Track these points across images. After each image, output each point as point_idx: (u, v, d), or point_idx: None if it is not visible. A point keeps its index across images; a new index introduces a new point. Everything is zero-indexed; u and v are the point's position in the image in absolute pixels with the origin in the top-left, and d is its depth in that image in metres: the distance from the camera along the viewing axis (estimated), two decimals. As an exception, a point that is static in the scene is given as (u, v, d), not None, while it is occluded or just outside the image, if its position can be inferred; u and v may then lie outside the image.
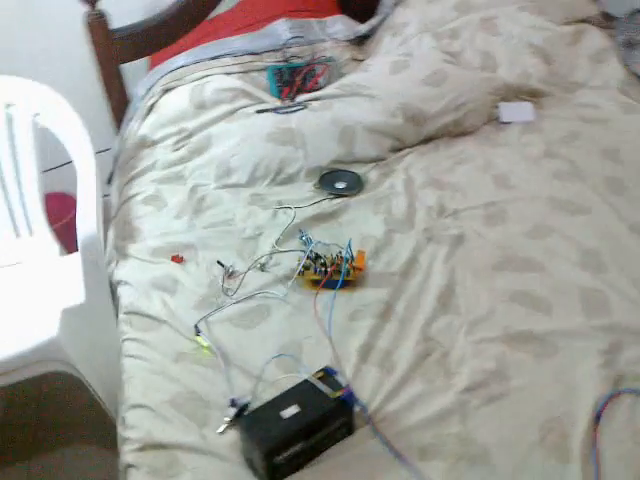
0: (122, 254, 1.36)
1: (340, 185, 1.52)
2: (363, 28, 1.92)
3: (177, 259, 1.31)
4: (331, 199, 1.48)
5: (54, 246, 1.57)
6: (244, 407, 0.97)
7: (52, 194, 1.96)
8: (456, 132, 1.68)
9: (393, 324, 1.13)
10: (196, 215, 1.45)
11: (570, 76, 1.88)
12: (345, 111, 1.60)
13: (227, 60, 1.72)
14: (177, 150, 1.64)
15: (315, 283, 1.21)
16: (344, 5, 2.00)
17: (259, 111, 1.62)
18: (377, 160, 1.60)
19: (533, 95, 1.80)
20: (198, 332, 1.11)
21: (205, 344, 1.09)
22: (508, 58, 1.83)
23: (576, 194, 1.42)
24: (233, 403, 0.98)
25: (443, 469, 0.89)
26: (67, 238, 1.58)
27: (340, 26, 1.87)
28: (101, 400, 1.39)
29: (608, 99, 1.80)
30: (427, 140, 1.67)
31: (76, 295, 1.36)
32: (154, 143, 1.68)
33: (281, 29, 1.78)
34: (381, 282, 1.21)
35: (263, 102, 1.68)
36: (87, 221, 1.33)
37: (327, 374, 0.94)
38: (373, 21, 1.95)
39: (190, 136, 1.65)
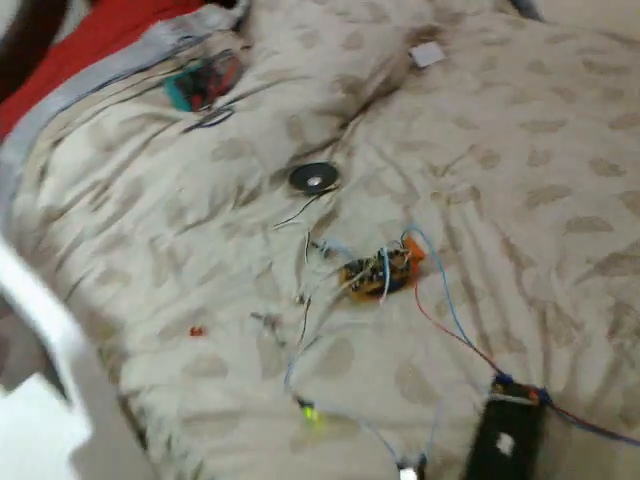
0: (118, 355, 1.04)
1: (315, 181, 1.33)
2: (237, 12, 1.71)
3: (197, 332, 1.04)
4: (317, 199, 1.29)
5: None
6: (423, 463, 0.78)
7: None
8: (386, 90, 1.58)
9: (485, 302, 1.00)
10: (178, 274, 1.16)
11: (451, 9, 1.87)
12: (282, 101, 1.40)
13: (116, 86, 1.40)
14: (99, 209, 1.31)
15: (373, 294, 1.04)
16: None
17: (186, 130, 1.35)
18: (332, 142, 1.43)
19: (432, 34, 1.76)
20: (303, 405, 0.88)
21: (316, 414, 0.87)
22: (394, 4, 1.76)
23: (542, 112, 1.40)
24: (402, 465, 0.79)
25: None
26: None
27: (217, 16, 1.63)
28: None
29: (493, 20, 1.83)
30: (364, 107, 1.54)
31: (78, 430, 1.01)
32: (64, 211, 1.32)
33: (162, 33, 1.49)
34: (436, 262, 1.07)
35: (178, 120, 1.41)
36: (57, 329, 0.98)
37: (503, 382, 0.80)
38: (243, 2, 1.74)
39: (108, 187, 1.33)
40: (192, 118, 1.40)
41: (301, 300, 1.06)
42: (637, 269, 0.99)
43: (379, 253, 1.07)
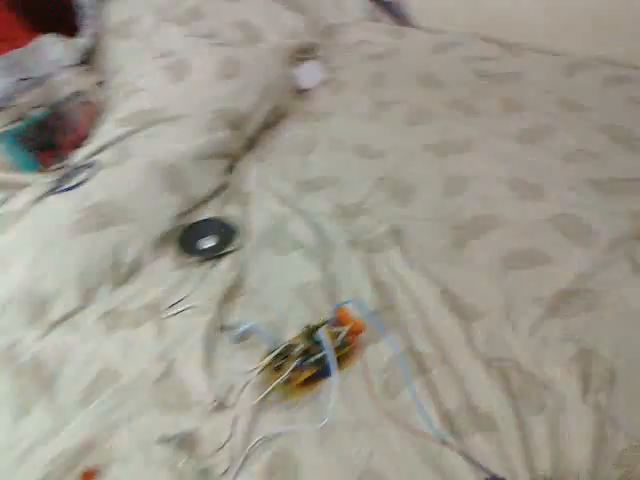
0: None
1: (209, 242, 1.11)
2: (84, 41, 1.43)
3: (89, 476, 0.79)
4: (214, 266, 1.07)
5: None
6: None
7: None
8: (272, 121, 1.39)
9: (439, 371, 0.85)
10: (50, 394, 0.89)
11: (323, 20, 1.74)
12: (155, 149, 1.16)
13: None
14: None
15: (307, 382, 0.85)
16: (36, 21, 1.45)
17: (38, 199, 1.07)
18: (221, 191, 1.23)
19: (311, 51, 1.61)
20: None
21: None
22: (264, 21, 1.58)
23: (444, 131, 1.30)
24: None
25: None
26: None
27: (58, 48, 1.35)
28: None
29: (371, 31, 1.73)
30: (251, 143, 1.34)
31: None
32: None
33: (-12, 77, 1.19)
34: (379, 329, 0.91)
35: (25, 186, 1.12)
36: None
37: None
38: (90, 29, 1.46)
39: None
40: (43, 181, 1.13)
41: (219, 406, 0.85)
42: (589, 305, 0.89)
43: (308, 328, 0.89)
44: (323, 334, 0.85)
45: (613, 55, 1.46)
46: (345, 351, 0.87)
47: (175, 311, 0.98)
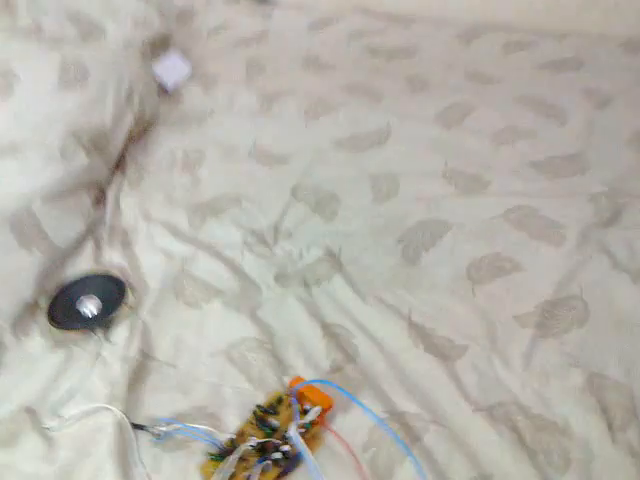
0: None
1: (91, 307, 0.83)
2: None
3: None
4: (105, 337, 0.80)
5: None
6: None
7: None
8: (140, 132, 1.12)
9: (434, 435, 0.67)
10: None
11: (175, 6, 1.48)
12: (-10, 194, 0.85)
13: None
14: None
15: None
16: None
17: None
18: (91, 233, 0.94)
19: (166, 42, 1.34)
20: None
21: None
22: (104, 10, 1.28)
23: (354, 122, 1.12)
24: None
25: None
26: None
27: None
28: None
29: (230, 14, 1.53)
30: (118, 164, 1.06)
31: None
32: None
33: None
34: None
35: None
36: None
37: None
38: None
39: None
40: None
41: None
42: (580, 316, 0.76)
43: (258, 411, 0.67)
44: (293, 432, 0.63)
45: (504, 20, 1.37)
46: (311, 432, 0.66)
47: (65, 416, 0.70)
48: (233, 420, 0.68)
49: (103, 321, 0.81)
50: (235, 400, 0.71)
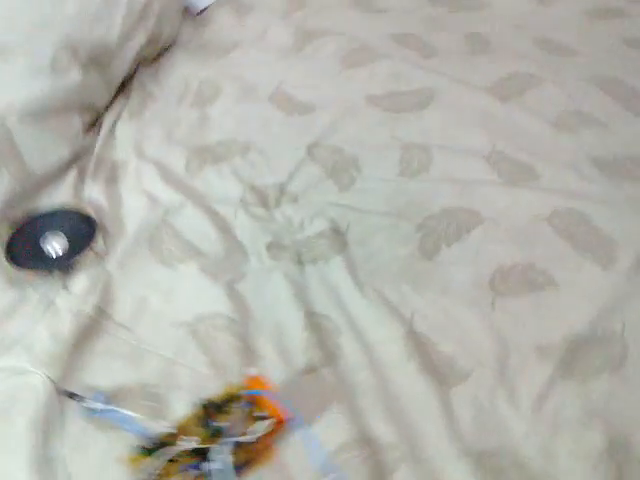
0: None
1: (56, 246, 0.73)
2: None
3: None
4: (64, 285, 0.70)
5: None
6: None
7: None
8: (153, 55, 0.99)
9: (415, 470, 0.56)
10: None
11: None
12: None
13: None
14: None
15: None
16: None
17: None
18: (75, 162, 0.83)
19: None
20: None
21: None
22: None
23: (394, 77, 0.96)
24: None
25: None
26: None
27: None
28: None
29: None
30: (122, 87, 0.94)
31: None
32: None
33: None
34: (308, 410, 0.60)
35: None
36: None
37: None
38: None
39: None
40: None
41: None
42: (615, 360, 0.62)
43: (205, 407, 0.57)
44: (231, 440, 0.52)
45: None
46: (262, 443, 0.55)
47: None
48: (180, 408, 0.59)
49: (65, 264, 0.71)
50: (188, 384, 0.61)
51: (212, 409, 0.56)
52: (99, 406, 0.58)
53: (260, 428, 0.53)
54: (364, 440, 0.57)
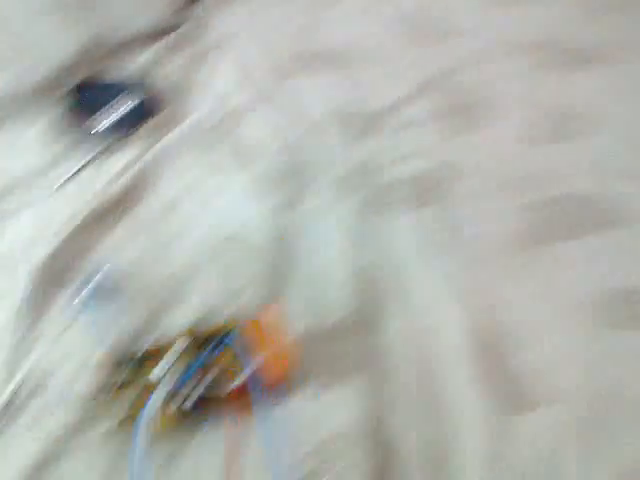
0: None
1: (110, 116, 0.65)
2: None
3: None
4: (106, 156, 0.62)
5: None
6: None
7: None
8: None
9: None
10: None
11: None
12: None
13: None
14: None
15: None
16: None
17: None
18: (161, 33, 0.74)
19: None
20: None
21: None
22: None
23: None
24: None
25: None
26: None
27: None
28: None
29: None
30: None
31: None
32: None
33: None
34: (326, 363, 0.46)
35: None
36: None
37: None
38: None
39: None
40: None
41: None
42: None
43: (192, 335, 0.45)
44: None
45: None
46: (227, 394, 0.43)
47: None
48: (186, 310, 0.48)
49: (115, 137, 0.62)
50: (197, 301, 0.50)
51: (200, 341, 0.45)
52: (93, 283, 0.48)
53: (241, 376, 0.41)
54: (373, 433, 0.43)
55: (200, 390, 0.40)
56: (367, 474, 0.40)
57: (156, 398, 0.39)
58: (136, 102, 0.65)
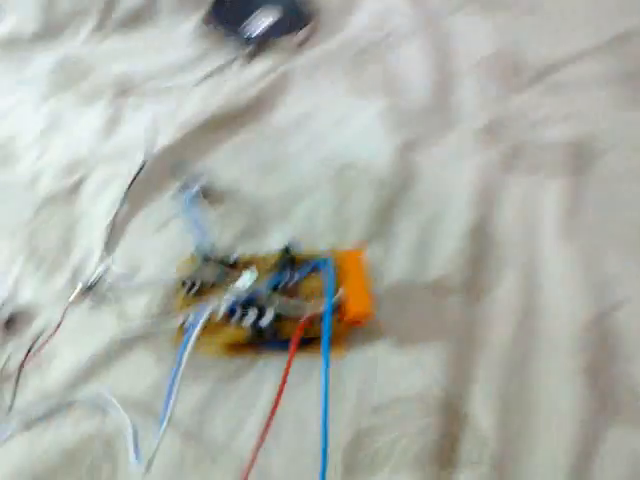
0: None
1: (263, 20, 0.63)
2: None
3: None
4: (250, 58, 0.61)
5: None
6: None
7: None
8: None
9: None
10: None
11: None
12: None
13: None
14: None
15: (235, 348, 0.42)
16: None
17: None
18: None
19: None
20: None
21: None
22: None
23: None
24: None
25: None
26: None
27: None
28: None
29: None
30: None
31: None
32: None
33: None
34: (407, 324, 0.42)
35: None
36: None
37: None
38: None
39: None
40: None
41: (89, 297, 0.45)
42: None
43: (287, 252, 0.44)
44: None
45: None
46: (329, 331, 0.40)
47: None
48: (287, 229, 0.47)
49: (259, 43, 0.61)
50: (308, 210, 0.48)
51: (293, 261, 0.43)
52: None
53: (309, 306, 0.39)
54: (451, 403, 0.39)
55: (279, 309, 0.39)
56: (438, 443, 0.37)
57: (222, 306, 0.38)
58: (289, 10, 0.62)
